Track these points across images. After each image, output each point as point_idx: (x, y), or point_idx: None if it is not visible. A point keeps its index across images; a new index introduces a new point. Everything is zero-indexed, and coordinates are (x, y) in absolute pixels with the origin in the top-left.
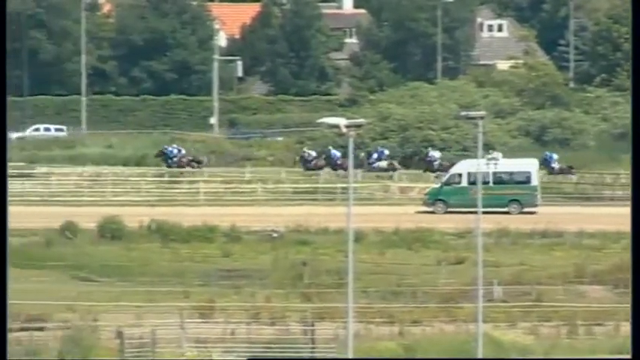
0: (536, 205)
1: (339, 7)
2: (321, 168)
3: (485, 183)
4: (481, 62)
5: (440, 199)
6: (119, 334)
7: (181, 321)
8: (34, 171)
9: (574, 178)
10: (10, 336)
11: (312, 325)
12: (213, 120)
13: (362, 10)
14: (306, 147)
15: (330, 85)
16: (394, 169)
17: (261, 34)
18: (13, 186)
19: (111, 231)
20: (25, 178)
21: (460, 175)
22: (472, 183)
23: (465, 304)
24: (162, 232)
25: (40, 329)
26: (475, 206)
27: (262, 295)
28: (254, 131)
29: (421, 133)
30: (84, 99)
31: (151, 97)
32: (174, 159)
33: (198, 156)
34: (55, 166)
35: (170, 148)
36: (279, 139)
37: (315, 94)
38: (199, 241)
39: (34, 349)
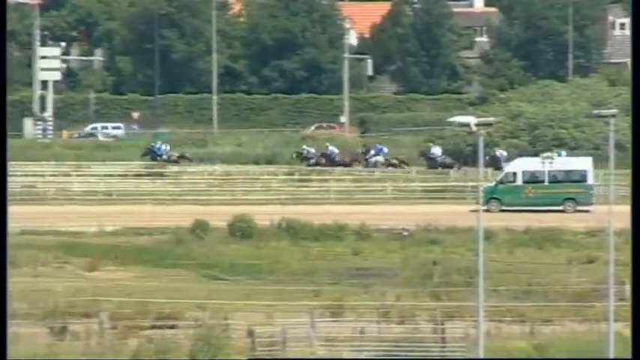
0: (591, 204)
1: (470, 6)
2: (322, 165)
3: (541, 182)
4: (612, 61)
5: (494, 198)
6: (250, 333)
7: (311, 320)
8: (166, 170)
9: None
10: (142, 333)
11: (442, 324)
12: (343, 118)
13: (493, 9)
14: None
15: (460, 83)
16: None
17: (391, 32)
18: (145, 185)
19: (241, 229)
20: (156, 177)
21: (515, 173)
22: (527, 182)
23: (596, 303)
24: (293, 231)
25: (172, 327)
26: (528, 205)
27: (392, 293)
28: (384, 129)
29: (552, 131)
30: (215, 97)
31: (282, 95)
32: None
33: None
34: (186, 165)
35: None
36: (407, 137)
37: (445, 92)
38: (329, 240)
39: (164, 348)
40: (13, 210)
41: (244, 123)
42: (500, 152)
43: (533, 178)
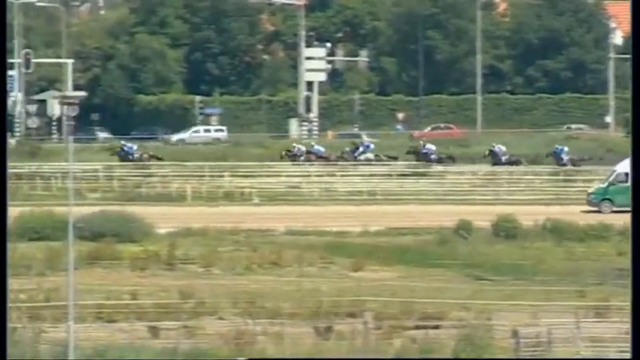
0: None
1: None
2: (312, 160)
3: None
4: None
5: (606, 199)
6: (514, 333)
7: (577, 320)
8: (430, 170)
9: None
10: (406, 334)
11: None
12: (608, 118)
13: None
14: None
15: None
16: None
17: None
18: (409, 185)
19: (505, 230)
20: (420, 177)
21: (627, 174)
22: None
23: None
24: (557, 231)
25: (435, 327)
26: None
27: None
28: None
29: None
30: (479, 98)
31: (546, 95)
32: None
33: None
34: (450, 165)
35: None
36: None
37: None
38: (594, 240)
39: (428, 348)
40: (277, 210)
41: (508, 123)
42: (499, 147)
43: None
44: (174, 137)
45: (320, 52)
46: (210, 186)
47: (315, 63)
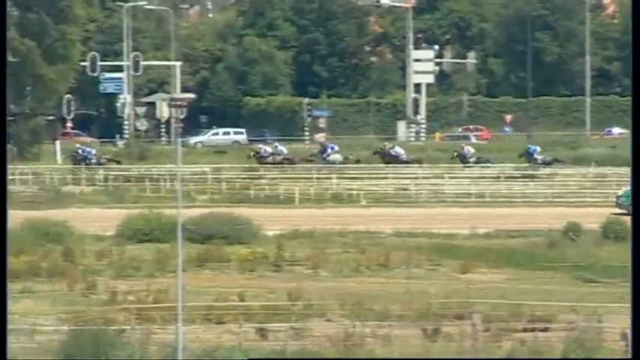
0: None
1: None
2: (280, 163)
3: None
4: None
5: None
6: (624, 336)
7: None
8: (538, 172)
9: None
10: (515, 336)
11: None
12: None
13: None
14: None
15: None
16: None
17: None
18: (517, 187)
19: (615, 232)
20: (529, 179)
21: None
22: None
23: None
24: None
25: (544, 330)
26: None
27: None
28: None
29: None
30: (588, 100)
31: None
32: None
33: None
34: (559, 167)
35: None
36: None
37: None
38: None
39: (537, 350)
40: (385, 212)
41: (617, 125)
42: (467, 149)
43: None
44: (193, 140)
45: (428, 54)
46: (319, 188)
47: (423, 65)
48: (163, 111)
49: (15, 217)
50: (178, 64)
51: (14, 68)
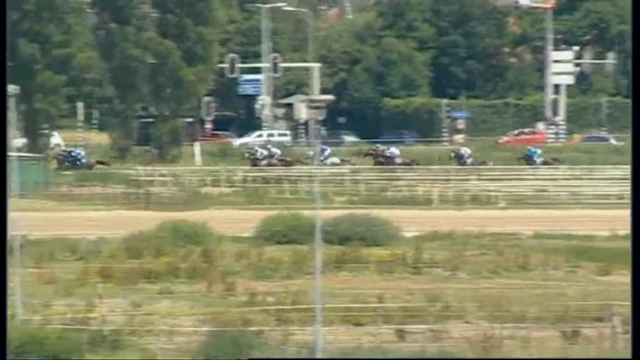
0: None
1: None
2: (273, 164)
3: None
4: None
5: None
6: None
7: None
8: None
9: None
10: None
11: None
12: None
13: None
14: None
15: None
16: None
17: None
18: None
19: None
20: None
21: None
22: None
23: None
24: None
25: None
26: None
27: None
28: None
29: None
30: None
31: None
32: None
33: None
34: None
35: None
36: None
37: None
38: None
39: None
40: (523, 213)
41: None
42: (465, 150)
43: None
44: (238, 141)
45: (568, 55)
46: (457, 190)
47: (562, 66)
48: (302, 112)
49: (154, 218)
50: (317, 65)
51: (154, 70)
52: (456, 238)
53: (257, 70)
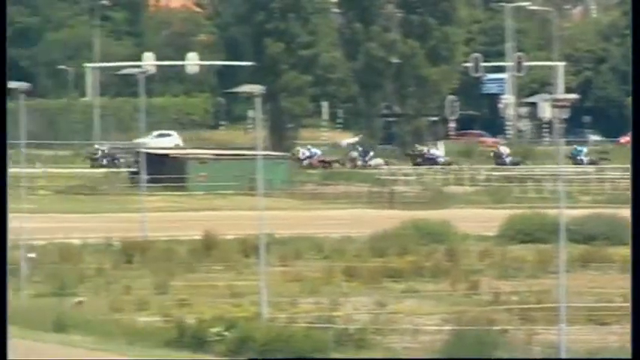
0: None
1: None
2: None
3: None
4: None
5: None
6: None
7: None
8: None
9: None
10: None
11: None
12: None
13: None
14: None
15: None
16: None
17: None
18: None
19: None
20: None
21: None
22: None
23: None
24: None
25: None
26: None
27: None
28: None
29: None
30: None
31: None
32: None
33: None
34: None
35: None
36: None
37: None
38: None
39: None
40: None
41: None
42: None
43: None
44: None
45: None
46: None
47: None
48: (545, 111)
49: (397, 217)
50: (561, 64)
51: (398, 69)
52: None
53: (500, 69)
